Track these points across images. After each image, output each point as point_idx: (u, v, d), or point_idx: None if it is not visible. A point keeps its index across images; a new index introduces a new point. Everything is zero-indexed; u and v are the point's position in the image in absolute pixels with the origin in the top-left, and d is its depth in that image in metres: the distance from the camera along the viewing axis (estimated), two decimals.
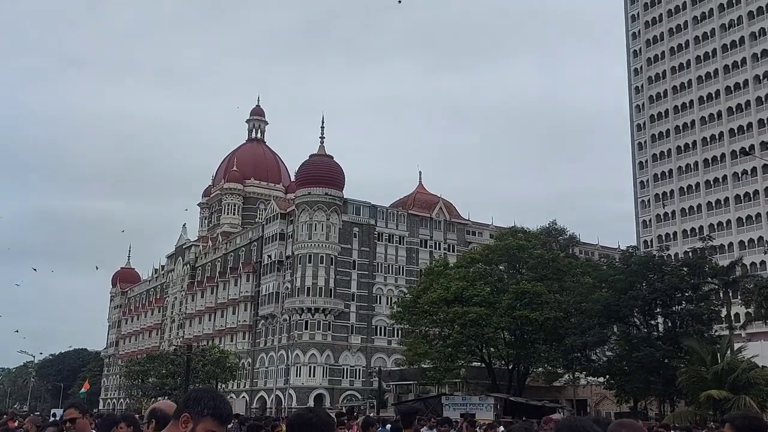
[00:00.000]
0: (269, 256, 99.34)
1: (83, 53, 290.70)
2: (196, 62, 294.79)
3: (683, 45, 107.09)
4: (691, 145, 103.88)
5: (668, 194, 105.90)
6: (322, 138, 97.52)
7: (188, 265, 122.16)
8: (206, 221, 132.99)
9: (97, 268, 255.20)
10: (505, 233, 65.90)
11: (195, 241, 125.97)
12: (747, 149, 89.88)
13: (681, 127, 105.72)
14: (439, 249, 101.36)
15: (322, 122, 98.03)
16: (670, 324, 52.45)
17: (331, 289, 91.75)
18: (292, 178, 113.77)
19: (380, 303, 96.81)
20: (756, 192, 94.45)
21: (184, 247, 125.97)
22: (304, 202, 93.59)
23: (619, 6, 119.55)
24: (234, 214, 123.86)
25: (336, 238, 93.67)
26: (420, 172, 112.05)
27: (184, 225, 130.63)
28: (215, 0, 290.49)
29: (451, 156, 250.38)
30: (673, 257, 67.28)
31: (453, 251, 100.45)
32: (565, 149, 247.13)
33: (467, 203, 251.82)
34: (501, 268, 62.11)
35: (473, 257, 63.77)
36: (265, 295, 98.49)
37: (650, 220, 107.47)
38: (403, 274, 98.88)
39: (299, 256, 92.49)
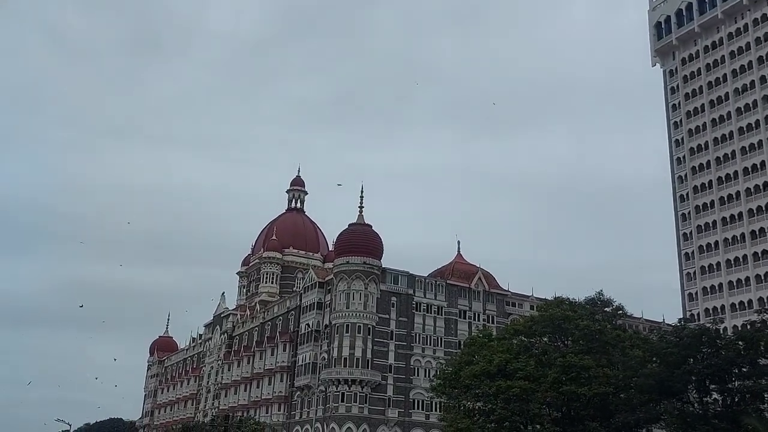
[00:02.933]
0: (306, 326, 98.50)
1: (124, 123, 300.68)
2: (235, 132, 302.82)
3: (725, 116, 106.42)
4: (737, 217, 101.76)
5: (714, 266, 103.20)
6: (360, 207, 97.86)
7: (225, 334, 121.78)
8: (245, 290, 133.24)
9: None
10: (550, 303, 64.23)
11: (233, 309, 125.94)
12: None
13: (726, 198, 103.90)
14: (479, 320, 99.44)
15: (361, 191, 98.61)
16: (727, 401, 49.83)
17: (368, 360, 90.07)
18: (330, 247, 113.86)
19: (418, 375, 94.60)
20: None
21: (222, 315, 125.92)
22: (342, 271, 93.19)
23: (657, 77, 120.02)
24: (272, 282, 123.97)
25: (374, 307, 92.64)
26: (458, 242, 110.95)
27: (222, 294, 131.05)
28: (253, 71, 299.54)
29: (488, 225, 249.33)
30: (721, 331, 64.76)
31: (492, 322, 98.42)
32: (604, 219, 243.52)
33: (506, 273, 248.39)
34: (545, 340, 60.25)
35: (516, 328, 62.09)
36: (302, 365, 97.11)
37: (696, 293, 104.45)
38: (441, 346, 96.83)
39: (336, 325, 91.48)
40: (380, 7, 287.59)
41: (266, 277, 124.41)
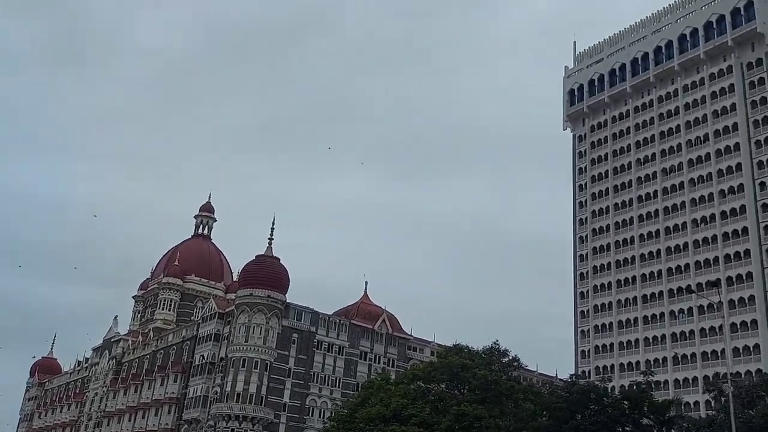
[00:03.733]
0: (201, 357, 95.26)
1: (37, 132, 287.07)
2: (152, 150, 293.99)
3: (626, 184, 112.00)
4: (630, 280, 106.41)
5: (607, 326, 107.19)
6: (270, 239, 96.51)
7: (114, 360, 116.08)
8: (139, 315, 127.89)
9: None
10: (450, 350, 64.83)
11: (125, 335, 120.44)
12: (685, 288, 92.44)
13: (622, 262, 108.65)
14: (379, 363, 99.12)
15: (272, 223, 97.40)
16: None
17: (262, 397, 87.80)
18: (235, 278, 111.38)
19: (312, 415, 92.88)
20: (692, 332, 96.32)
21: (112, 340, 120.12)
22: (244, 303, 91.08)
23: (568, 140, 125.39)
24: (169, 309, 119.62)
25: (274, 343, 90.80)
26: (366, 282, 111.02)
27: (115, 317, 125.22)
28: (177, 90, 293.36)
29: (398, 267, 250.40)
30: (609, 390, 66.94)
31: (393, 366, 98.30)
32: (512, 270, 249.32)
33: (411, 317, 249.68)
34: (443, 387, 60.55)
35: (415, 374, 62.20)
36: (192, 398, 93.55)
37: (589, 351, 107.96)
38: (339, 387, 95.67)
39: (233, 359, 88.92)
40: (313, 41, 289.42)
41: (163, 304, 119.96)
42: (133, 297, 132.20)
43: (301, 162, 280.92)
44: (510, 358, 64.82)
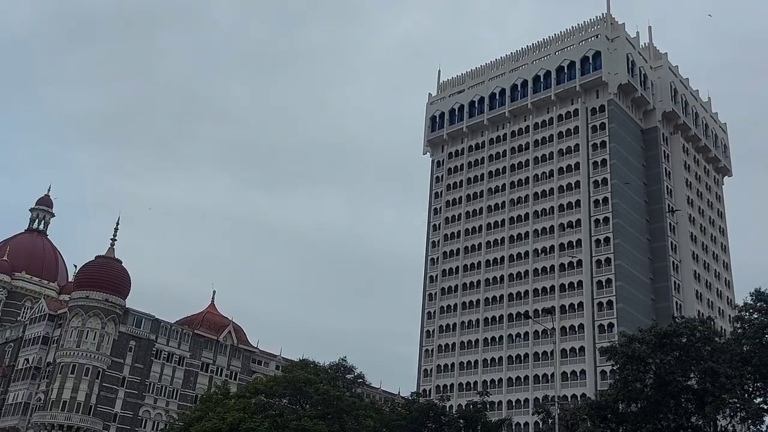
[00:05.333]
0: (26, 360, 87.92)
1: None
2: None
3: (478, 211, 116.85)
4: (475, 303, 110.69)
5: (450, 347, 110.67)
6: (113, 239, 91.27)
7: None
8: None
9: None
10: (295, 365, 63.97)
11: None
12: (523, 314, 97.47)
13: (468, 285, 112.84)
14: (221, 375, 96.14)
15: (117, 223, 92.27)
16: None
17: (91, 406, 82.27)
18: (71, 278, 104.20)
19: (145, 427, 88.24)
20: (526, 355, 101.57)
21: None
22: (78, 306, 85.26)
23: (427, 164, 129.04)
24: None
25: (108, 349, 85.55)
26: (214, 291, 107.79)
27: None
28: (16, 73, 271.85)
29: (249, 278, 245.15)
30: (447, 409, 68.89)
31: (235, 379, 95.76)
32: (367, 287, 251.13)
33: (260, 329, 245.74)
34: (284, 401, 59.49)
35: (257, 387, 60.67)
36: (11, 404, 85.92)
37: (431, 370, 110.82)
38: (176, 398, 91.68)
39: (61, 364, 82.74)
40: (175, 34, 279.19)
41: None
42: None
43: (153, 159, 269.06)
44: (355, 374, 65.01)
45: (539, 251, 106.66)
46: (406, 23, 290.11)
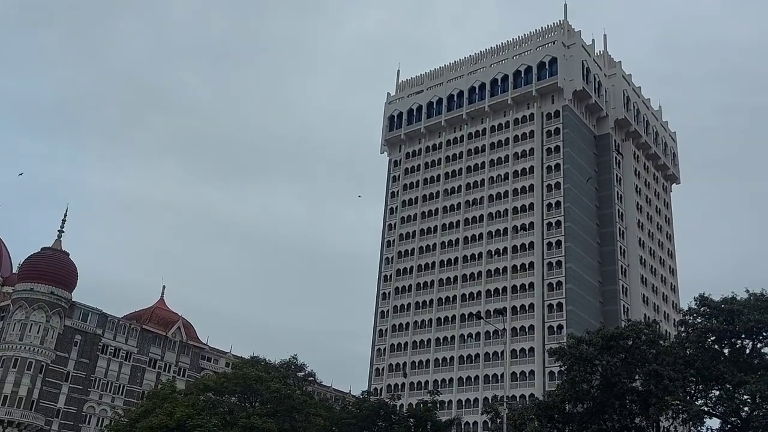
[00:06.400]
0: None
1: None
2: None
3: (433, 212, 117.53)
4: (428, 303, 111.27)
5: (402, 346, 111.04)
6: (60, 230, 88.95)
7: None
8: None
9: None
10: (246, 362, 63.33)
11: None
12: (476, 314, 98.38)
13: (422, 285, 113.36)
14: (169, 371, 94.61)
15: (65, 214, 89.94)
16: None
17: (33, 402, 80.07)
18: (15, 269, 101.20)
19: (89, 423, 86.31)
20: (477, 355, 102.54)
21: None
22: (22, 299, 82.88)
23: (384, 164, 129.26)
24: None
25: (53, 343, 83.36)
26: (164, 286, 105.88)
27: None
28: None
29: (201, 273, 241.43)
30: (398, 408, 69.10)
31: (184, 375, 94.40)
32: (323, 284, 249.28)
33: (209, 325, 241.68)
34: (233, 399, 58.82)
35: (206, 384, 59.84)
36: None
37: (383, 369, 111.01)
38: (122, 394, 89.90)
39: (3, 358, 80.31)
40: (129, 21, 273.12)
41: None
42: None
43: (103, 148, 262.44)
44: (306, 372, 64.72)
45: (493, 252, 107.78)
46: (368, 20, 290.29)
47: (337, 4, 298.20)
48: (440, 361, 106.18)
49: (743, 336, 43.41)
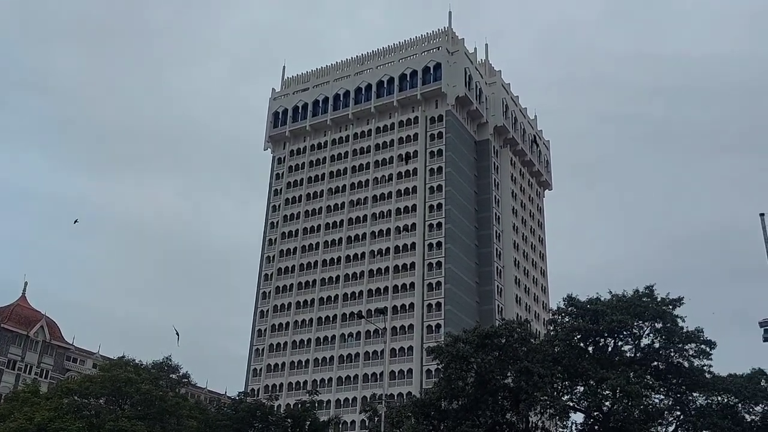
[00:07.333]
0: None
1: None
2: None
3: (317, 210, 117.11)
4: (309, 302, 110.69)
5: (282, 346, 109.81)
6: None
7: None
8: None
9: None
10: (114, 363, 60.28)
11: None
12: (357, 313, 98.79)
13: (303, 284, 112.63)
14: (30, 373, 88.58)
15: None
16: None
17: None
18: None
19: None
20: (357, 354, 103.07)
21: None
22: None
23: (268, 160, 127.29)
24: None
25: None
26: (26, 282, 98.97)
27: None
28: None
29: (68, 267, 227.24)
30: (275, 408, 68.16)
31: (46, 377, 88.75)
32: (199, 282, 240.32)
33: (76, 324, 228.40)
34: (101, 401, 55.82)
35: (69, 387, 56.44)
36: None
37: (261, 369, 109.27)
38: None
39: None
40: None
41: None
42: None
43: None
44: (180, 374, 62.46)
45: (375, 253, 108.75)
46: (255, 12, 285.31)
47: None
48: (320, 361, 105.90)
49: (606, 335, 46.01)
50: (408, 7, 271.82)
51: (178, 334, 71.73)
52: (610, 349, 46.47)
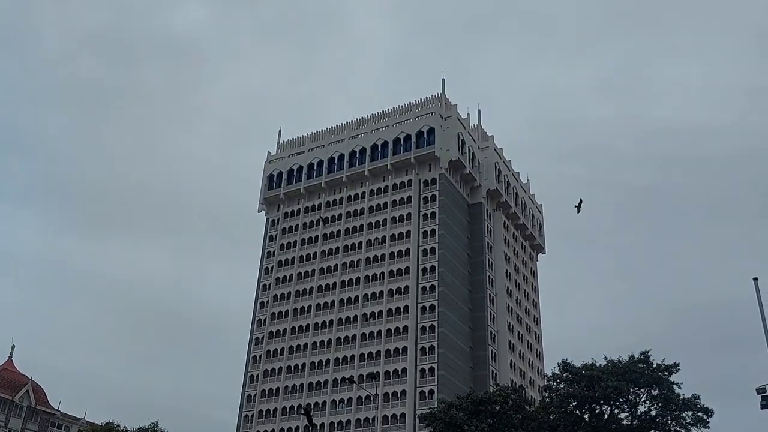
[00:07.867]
0: None
1: None
2: None
3: (310, 273, 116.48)
4: (300, 367, 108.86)
5: (272, 412, 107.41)
6: None
7: None
8: None
9: None
10: (99, 429, 58.73)
11: None
12: (348, 379, 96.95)
13: (294, 348, 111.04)
14: None
15: None
16: None
17: None
18: None
19: None
20: (348, 422, 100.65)
21: None
22: None
23: (262, 222, 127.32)
24: None
25: None
26: (13, 346, 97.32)
27: None
28: None
29: (55, 331, 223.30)
30: None
31: None
32: (188, 347, 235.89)
33: (62, 389, 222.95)
34: None
35: None
36: None
37: None
38: None
39: None
40: None
41: None
42: None
43: None
44: None
45: (368, 316, 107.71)
46: (250, 77, 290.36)
47: (217, 56, 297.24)
48: (310, 429, 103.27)
49: (602, 401, 45.27)
50: (400, 74, 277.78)
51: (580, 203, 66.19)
52: (606, 416, 45.67)
